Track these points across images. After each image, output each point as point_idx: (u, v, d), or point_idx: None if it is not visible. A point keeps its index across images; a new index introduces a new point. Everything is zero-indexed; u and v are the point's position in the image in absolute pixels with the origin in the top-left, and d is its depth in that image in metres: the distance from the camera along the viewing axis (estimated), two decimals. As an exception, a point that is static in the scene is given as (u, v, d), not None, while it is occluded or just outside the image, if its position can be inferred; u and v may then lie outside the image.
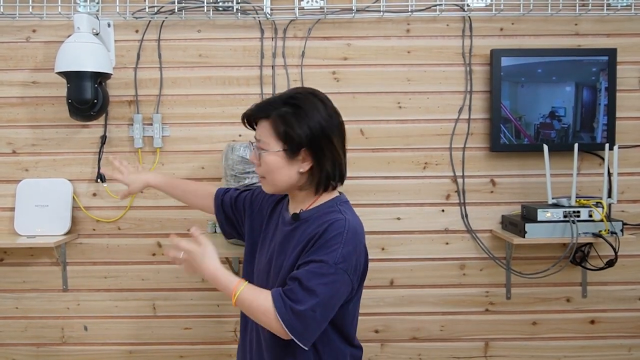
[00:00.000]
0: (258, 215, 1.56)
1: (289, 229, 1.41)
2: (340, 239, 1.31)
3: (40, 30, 2.46)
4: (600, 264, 2.42)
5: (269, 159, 1.37)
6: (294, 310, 1.25)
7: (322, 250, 1.29)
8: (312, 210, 1.41)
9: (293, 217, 1.41)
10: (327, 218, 1.35)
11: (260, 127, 1.39)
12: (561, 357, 2.55)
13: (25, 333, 2.54)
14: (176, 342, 2.55)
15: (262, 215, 1.55)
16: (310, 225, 1.36)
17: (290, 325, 1.25)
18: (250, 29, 2.46)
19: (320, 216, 1.38)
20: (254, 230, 1.55)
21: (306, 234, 1.35)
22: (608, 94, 2.40)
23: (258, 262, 1.50)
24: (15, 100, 2.48)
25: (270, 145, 1.36)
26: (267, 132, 1.37)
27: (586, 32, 2.46)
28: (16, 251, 2.50)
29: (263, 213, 1.55)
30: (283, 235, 1.42)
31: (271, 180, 1.40)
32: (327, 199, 1.43)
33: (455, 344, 2.54)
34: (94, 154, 2.49)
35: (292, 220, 1.41)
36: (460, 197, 2.50)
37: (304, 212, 1.41)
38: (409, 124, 2.49)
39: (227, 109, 2.48)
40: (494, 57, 2.39)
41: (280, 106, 1.36)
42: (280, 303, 1.26)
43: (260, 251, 1.51)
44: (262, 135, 1.38)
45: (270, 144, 1.36)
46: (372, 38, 2.46)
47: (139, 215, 2.51)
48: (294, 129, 1.34)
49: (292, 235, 1.40)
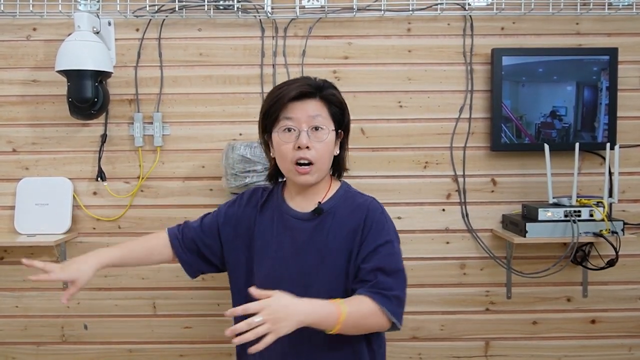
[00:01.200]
0: (242, 228, 1.45)
1: (312, 225, 1.35)
2: (383, 217, 1.36)
3: (40, 29, 2.46)
4: (601, 263, 2.41)
5: (329, 138, 1.34)
6: (398, 298, 1.27)
7: (379, 233, 1.31)
8: (331, 201, 1.38)
9: (316, 211, 1.36)
10: (356, 204, 1.36)
11: (310, 106, 1.33)
12: (561, 357, 2.54)
13: (26, 332, 2.54)
14: (176, 341, 2.55)
15: (248, 226, 1.44)
16: (340, 216, 1.34)
17: (398, 315, 1.27)
18: (250, 28, 2.46)
19: (345, 205, 1.36)
20: (245, 246, 1.44)
21: (345, 225, 1.32)
22: (609, 94, 2.39)
23: (260, 271, 1.40)
24: (16, 98, 2.48)
25: (327, 123, 1.34)
26: (321, 110, 1.34)
27: (587, 32, 2.46)
28: (16, 250, 2.50)
29: (248, 223, 1.44)
30: (306, 233, 1.35)
31: (321, 165, 1.34)
32: (337, 187, 1.42)
33: (455, 344, 2.54)
34: (94, 152, 2.49)
35: (313, 215, 1.36)
36: (461, 196, 2.49)
37: (324, 204, 1.37)
38: (409, 123, 2.48)
39: (227, 108, 2.48)
40: (495, 56, 2.39)
41: (326, 87, 1.36)
42: (384, 300, 1.24)
43: (261, 261, 1.40)
44: (320, 112, 1.33)
45: (327, 122, 1.34)
46: (373, 37, 2.46)
47: (139, 214, 2.50)
48: (343, 109, 1.37)
49: (319, 231, 1.35)
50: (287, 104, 1.32)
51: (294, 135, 1.32)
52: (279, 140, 1.34)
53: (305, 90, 1.33)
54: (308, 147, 1.30)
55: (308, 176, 1.33)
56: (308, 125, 1.31)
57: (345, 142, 1.43)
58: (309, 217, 1.37)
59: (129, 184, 2.50)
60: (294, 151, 1.32)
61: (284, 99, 1.32)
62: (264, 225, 1.42)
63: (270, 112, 1.35)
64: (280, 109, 1.33)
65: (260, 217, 1.44)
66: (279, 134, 1.34)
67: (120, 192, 2.50)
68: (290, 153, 1.32)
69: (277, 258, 1.37)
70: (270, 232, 1.40)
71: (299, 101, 1.32)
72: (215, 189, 2.48)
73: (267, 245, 1.40)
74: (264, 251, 1.40)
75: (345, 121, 1.40)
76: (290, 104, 1.32)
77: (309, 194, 1.39)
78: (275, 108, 1.33)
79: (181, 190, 2.49)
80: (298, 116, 1.32)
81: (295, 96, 1.32)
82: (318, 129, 1.32)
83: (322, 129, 1.32)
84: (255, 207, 1.46)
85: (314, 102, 1.33)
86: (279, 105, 1.33)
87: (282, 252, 1.37)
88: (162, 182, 2.49)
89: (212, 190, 2.49)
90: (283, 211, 1.41)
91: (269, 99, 1.36)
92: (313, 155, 1.31)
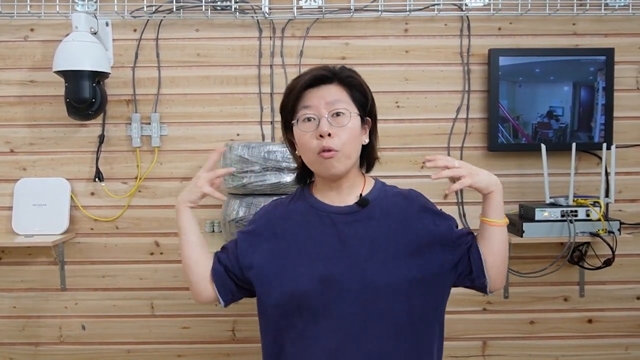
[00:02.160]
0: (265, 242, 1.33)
1: (358, 217, 1.28)
2: (430, 202, 1.40)
3: (38, 29, 2.46)
4: (597, 263, 2.42)
5: (353, 123, 1.24)
6: None
7: (440, 214, 1.38)
8: (372, 193, 1.33)
9: (361, 202, 1.29)
10: (400, 192, 1.37)
11: (328, 91, 1.25)
12: (559, 356, 2.55)
13: (23, 332, 2.54)
14: (174, 341, 2.55)
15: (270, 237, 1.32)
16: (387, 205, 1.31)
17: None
18: (248, 29, 2.46)
19: (387, 196, 1.34)
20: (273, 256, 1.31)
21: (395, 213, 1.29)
22: (606, 94, 2.40)
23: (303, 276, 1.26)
24: (13, 99, 2.48)
25: (349, 108, 1.25)
26: (341, 95, 1.26)
27: (584, 32, 2.46)
28: (14, 250, 2.50)
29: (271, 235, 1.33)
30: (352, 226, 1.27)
31: (347, 152, 1.24)
32: (373, 182, 1.37)
33: (453, 343, 2.54)
34: (92, 153, 2.49)
35: (358, 207, 1.29)
36: (458, 196, 2.50)
37: (367, 195, 1.31)
38: (406, 123, 2.49)
39: (225, 108, 2.48)
40: (492, 56, 2.40)
41: (345, 72, 1.28)
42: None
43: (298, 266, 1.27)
44: (340, 97, 1.25)
45: (348, 107, 1.25)
46: (370, 37, 2.47)
47: (137, 215, 2.51)
48: (366, 93, 1.29)
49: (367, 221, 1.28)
50: (303, 92, 1.25)
51: (314, 124, 1.23)
52: (299, 132, 1.26)
53: (321, 74, 1.25)
54: (330, 134, 1.21)
55: (334, 161, 1.22)
56: (328, 112, 1.23)
57: (374, 130, 1.36)
58: (352, 209, 1.29)
59: (126, 185, 2.50)
60: (317, 141, 1.23)
61: (300, 87, 1.24)
62: (295, 231, 1.31)
63: (287, 104, 1.27)
64: (297, 99, 1.25)
65: (290, 224, 1.32)
66: (299, 125, 1.25)
67: (118, 193, 2.50)
68: (312, 143, 1.23)
69: (323, 258, 1.26)
70: (305, 236, 1.29)
71: (315, 87, 1.25)
72: (213, 190, 2.48)
73: (304, 249, 1.28)
74: (302, 256, 1.28)
75: (369, 106, 1.31)
76: (307, 92, 1.25)
77: (344, 188, 1.31)
78: (291, 98, 1.26)
79: (179, 190, 2.49)
80: (315, 103, 1.23)
81: (311, 82, 1.24)
82: (339, 115, 1.23)
83: (344, 114, 1.23)
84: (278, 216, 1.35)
85: (332, 87, 1.25)
86: (295, 95, 1.25)
87: (328, 249, 1.26)
88: (159, 182, 2.49)
89: (210, 191, 2.49)
90: (319, 209, 1.31)
91: (286, 92, 1.28)
92: (336, 143, 1.22)
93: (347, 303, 1.23)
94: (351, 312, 1.23)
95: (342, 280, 1.23)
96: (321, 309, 1.24)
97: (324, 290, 1.23)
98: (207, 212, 2.48)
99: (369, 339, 1.23)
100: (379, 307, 1.23)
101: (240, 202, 2.16)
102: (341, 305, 1.23)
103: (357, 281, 1.23)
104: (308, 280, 1.25)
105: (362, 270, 1.24)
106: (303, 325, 1.26)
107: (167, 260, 2.51)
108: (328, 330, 1.24)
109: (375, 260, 1.24)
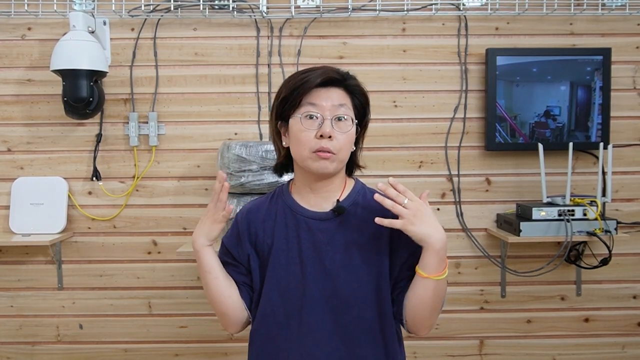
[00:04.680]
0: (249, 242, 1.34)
1: (334, 223, 1.27)
2: None
3: (35, 28, 2.46)
4: (594, 262, 2.43)
5: (352, 131, 1.26)
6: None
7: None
8: (350, 197, 1.30)
9: (337, 210, 1.28)
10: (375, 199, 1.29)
11: (336, 94, 1.25)
12: (555, 355, 2.56)
13: (20, 331, 2.54)
14: (171, 341, 2.55)
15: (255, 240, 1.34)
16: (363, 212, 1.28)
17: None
18: (246, 28, 2.46)
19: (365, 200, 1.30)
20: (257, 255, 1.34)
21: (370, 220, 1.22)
22: (602, 94, 2.41)
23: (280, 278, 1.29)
24: (10, 98, 2.48)
25: (351, 114, 1.26)
26: (346, 100, 1.26)
27: (581, 32, 2.47)
28: (11, 249, 2.50)
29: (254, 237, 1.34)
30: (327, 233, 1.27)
31: (341, 157, 1.25)
32: (352, 184, 1.35)
33: (450, 342, 2.55)
34: (89, 152, 2.48)
35: (334, 214, 1.28)
36: (456, 195, 2.50)
37: (343, 202, 1.29)
38: (404, 122, 2.49)
39: (222, 108, 2.48)
40: (489, 56, 2.40)
41: (352, 79, 1.28)
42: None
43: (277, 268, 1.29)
44: (345, 102, 1.26)
45: (351, 114, 1.26)
46: (368, 37, 2.47)
47: (134, 214, 2.50)
48: (367, 103, 1.31)
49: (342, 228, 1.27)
50: (313, 89, 1.24)
51: (316, 123, 1.23)
52: (299, 127, 1.24)
53: (333, 77, 1.25)
54: (331, 137, 1.22)
55: (328, 162, 1.22)
56: (332, 114, 1.23)
57: (361, 139, 1.35)
58: (328, 216, 1.29)
59: (124, 184, 2.50)
60: (315, 140, 1.22)
61: (310, 84, 1.23)
62: (275, 233, 1.31)
63: (292, 97, 1.25)
64: (304, 94, 1.24)
65: (269, 225, 1.33)
66: (301, 120, 1.23)
67: (116, 192, 2.50)
68: (310, 141, 1.22)
69: (298, 262, 1.27)
70: (284, 238, 1.30)
71: (324, 88, 1.24)
72: (210, 189, 2.49)
73: (282, 251, 1.29)
74: (281, 257, 1.29)
75: (366, 117, 1.32)
76: (316, 90, 1.24)
77: (323, 191, 1.30)
78: (299, 92, 1.24)
79: (176, 189, 2.49)
80: (323, 104, 1.23)
81: (322, 82, 1.24)
82: (341, 120, 1.24)
83: (346, 120, 1.24)
84: (259, 217, 1.34)
85: (340, 91, 1.26)
86: (304, 90, 1.24)
87: (303, 254, 1.27)
88: (157, 181, 2.49)
89: (208, 190, 2.49)
90: (297, 213, 1.31)
91: (292, 83, 1.26)
92: (335, 146, 1.22)
93: (319, 309, 1.25)
94: (323, 319, 1.25)
95: (315, 286, 1.25)
96: (295, 314, 1.26)
97: (297, 296, 1.26)
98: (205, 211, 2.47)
99: (339, 345, 1.25)
100: (350, 314, 1.25)
101: (238, 201, 2.16)
102: (313, 311, 1.25)
103: (330, 288, 1.25)
104: (286, 284, 1.27)
105: (335, 277, 1.25)
106: (277, 330, 1.28)
107: (165, 260, 2.51)
108: (300, 335, 1.26)
109: (349, 268, 1.25)
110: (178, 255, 2.21)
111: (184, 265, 2.51)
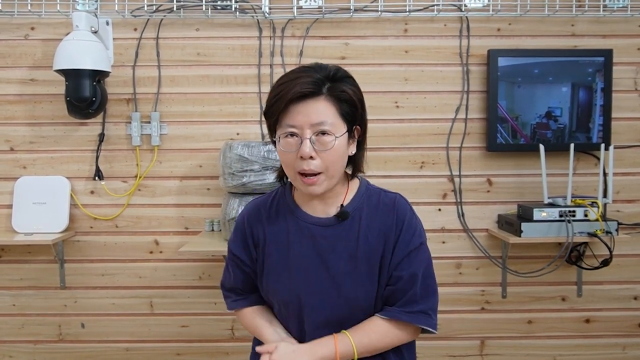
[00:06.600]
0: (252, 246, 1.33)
1: (337, 230, 1.24)
2: (411, 214, 1.27)
3: (38, 28, 2.46)
4: (595, 263, 2.43)
5: (340, 144, 1.16)
6: (434, 309, 1.25)
7: (410, 235, 1.23)
8: (354, 202, 1.26)
9: (340, 215, 1.23)
10: (382, 203, 1.25)
11: (314, 108, 1.14)
12: (556, 356, 2.56)
13: (23, 330, 2.54)
14: (173, 340, 2.55)
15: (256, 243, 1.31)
16: (367, 218, 1.23)
17: (434, 325, 1.26)
18: (248, 28, 2.47)
19: (370, 205, 1.25)
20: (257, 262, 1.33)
21: (374, 227, 1.22)
22: (604, 95, 2.41)
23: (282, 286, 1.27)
24: (13, 97, 2.48)
25: (337, 127, 1.15)
26: (329, 112, 1.15)
27: (582, 33, 2.47)
28: (14, 248, 2.51)
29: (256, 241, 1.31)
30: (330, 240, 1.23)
31: (332, 173, 1.18)
32: (357, 186, 1.29)
33: (451, 342, 2.55)
34: (92, 151, 2.49)
35: (337, 220, 1.24)
36: (457, 196, 2.51)
37: (347, 207, 1.25)
38: (406, 123, 2.50)
39: (225, 108, 2.48)
40: (491, 57, 2.41)
41: (333, 82, 1.17)
42: (422, 318, 1.23)
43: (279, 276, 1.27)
44: (327, 117, 1.14)
45: (336, 125, 1.15)
46: (370, 37, 2.47)
47: (137, 213, 2.51)
48: (356, 106, 1.19)
49: (346, 235, 1.23)
50: (288, 106, 1.14)
51: (297, 141, 1.15)
52: (280, 148, 1.18)
53: (307, 90, 1.13)
54: (312, 157, 1.14)
55: (315, 187, 1.17)
56: (312, 132, 1.14)
57: (363, 139, 1.25)
58: (331, 222, 1.24)
59: (126, 183, 2.50)
60: (298, 161, 1.16)
61: (283, 100, 1.14)
62: (276, 238, 1.28)
63: (270, 113, 1.18)
64: (281, 112, 1.16)
65: (271, 229, 1.29)
66: (282, 140, 1.17)
67: (118, 191, 2.50)
68: (293, 163, 1.16)
69: (301, 270, 1.24)
70: (285, 244, 1.26)
71: (301, 102, 1.14)
72: (212, 189, 2.49)
73: (284, 259, 1.26)
74: (282, 265, 1.26)
75: (359, 118, 1.21)
76: (292, 107, 1.14)
77: (325, 197, 1.24)
78: (275, 109, 1.16)
79: (178, 189, 2.50)
80: (300, 123, 1.14)
81: (296, 98, 1.13)
82: (325, 134, 1.14)
83: (329, 135, 1.14)
84: (260, 221, 1.30)
85: (319, 103, 1.14)
86: (278, 107, 1.15)
87: (306, 262, 1.23)
88: (159, 181, 2.50)
89: (210, 190, 2.50)
90: (299, 218, 1.26)
91: (271, 96, 1.18)
92: (318, 166, 1.15)
93: (322, 316, 1.24)
94: (325, 326, 1.25)
95: (318, 295, 1.23)
96: (299, 317, 1.27)
97: (300, 303, 1.24)
98: (207, 211, 2.49)
99: None
100: (353, 321, 1.25)
101: (239, 201, 2.17)
102: (316, 318, 1.24)
103: (334, 296, 1.22)
104: (287, 292, 1.26)
105: (340, 285, 1.22)
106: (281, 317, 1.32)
107: (167, 259, 2.52)
108: (302, 342, 1.26)
109: (353, 276, 1.22)
110: (180, 255, 2.22)
111: (185, 264, 2.51)
